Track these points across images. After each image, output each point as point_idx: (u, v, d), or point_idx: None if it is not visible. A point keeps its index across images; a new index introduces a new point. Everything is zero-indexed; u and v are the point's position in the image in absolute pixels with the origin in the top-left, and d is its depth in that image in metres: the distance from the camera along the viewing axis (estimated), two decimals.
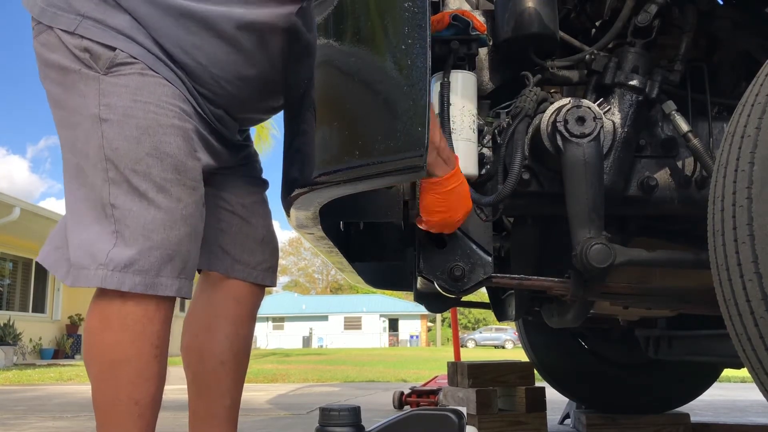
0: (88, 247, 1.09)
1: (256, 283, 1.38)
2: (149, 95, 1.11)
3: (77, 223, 1.12)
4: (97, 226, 1.09)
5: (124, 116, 1.09)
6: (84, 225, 1.11)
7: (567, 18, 1.54)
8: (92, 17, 1.11)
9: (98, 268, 1.07)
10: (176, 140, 1.12)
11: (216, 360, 1.35)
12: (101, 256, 1.07)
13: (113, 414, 1.12)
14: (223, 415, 1.35)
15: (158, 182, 1.10)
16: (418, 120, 1.01)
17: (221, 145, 1.27)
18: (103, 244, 1.08)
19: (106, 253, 1.07)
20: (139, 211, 1.08)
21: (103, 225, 1.09)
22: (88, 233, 1.10)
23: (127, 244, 1.08)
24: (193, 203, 1.14)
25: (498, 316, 1.95)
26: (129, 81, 1.10)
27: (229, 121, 1.26)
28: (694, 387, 2.84)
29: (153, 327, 1.12)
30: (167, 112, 1.11)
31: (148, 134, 1.10)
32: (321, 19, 1.10)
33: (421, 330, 45.69)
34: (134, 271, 1.07)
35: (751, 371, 1.03)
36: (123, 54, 1.10)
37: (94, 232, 1.09)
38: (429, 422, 1.25)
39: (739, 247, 0.96)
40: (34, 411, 3.96)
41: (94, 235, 1.09)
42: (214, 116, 1.22)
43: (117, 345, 1.10)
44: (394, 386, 5.63)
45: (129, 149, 1.09)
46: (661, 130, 1.44)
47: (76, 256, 1.10)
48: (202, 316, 1.37)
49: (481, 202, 1.32)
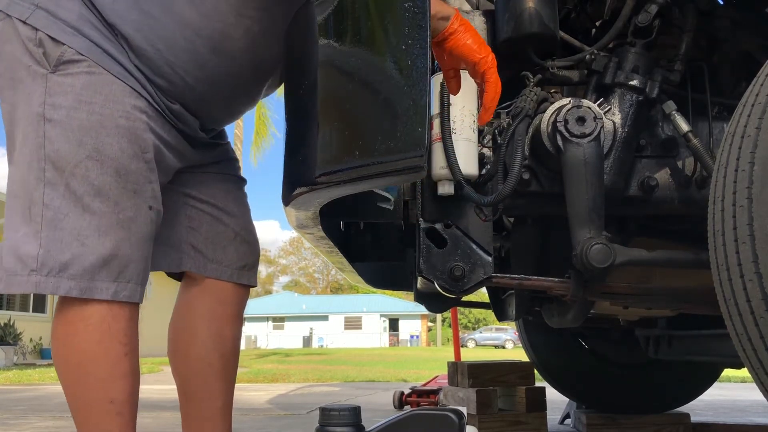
0: (17, 251, 1.07)
1: (235, 283, 1.37)
2: (95, 95, 1.09)
3: (9, 224, 1.11)
4: (25, 228, 1.08)
5: (67, 117, 1.08)
6: (14, 227, 1.10)
7: (567, 18, 1.54)
8: (44, 7, 1.10)
9: (30, 274, 1.06)
10: (119, 142, 1.10)
11: (202, 362, 1.33)
12: (31, 261, 1.06)
13: (90, 415, 1.11)
14: (216, 416, 1.34)
15: (96, 185, 1.08)
16: (418, 120, 1.01)
17: (185, 141, 1.25)
18: (31, 248, 1.06)
19: (36, 258, 1.06)
20: (74, 215, 1.07)
21: (30, 227, 1.08)
22: (17, 236, 1.08)
23: (59, 248, 1.06)
24: (133, 206, 1.11)
25: (498, 316, 1.95)
26: (75, 80, 1.09)
27: (188, 117, 1.22)
28: (694, 387, 2.84)
29: (119, 325, 1.12)
30: (113, 112, 1.09)
31: (90, 136, 1.08)
32: (321, 19, 1.10)
33: (421, 330, 45.68)
34: (68, 276, 1.06)
35: (751, 371, 1.03)
36: (70, 51, 1.09)
37: (22, 234, 1.08)
38: (429, 422, 1.24)
39: (740, 247, 0.96)
40: (34, 411, 3.96)
41: (21, 238, 1.08)
42: (171, 111, 1.19)
43: (84, 346, 1.10)
44: (394, 386, 5.63)
45: (70, 151, 1.07)
46: (662, 130, 1.44)
47: (7, 261, 1.08)
48: (185, 318, 1.36)
49: (482, 202, 1.32)
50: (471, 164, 1.32)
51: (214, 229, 1.34)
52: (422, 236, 1.38)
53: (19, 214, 1.10)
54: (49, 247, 1.06)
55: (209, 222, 1.34)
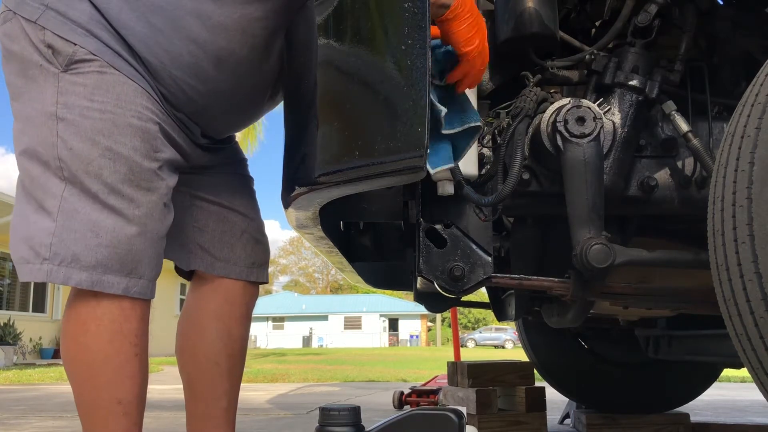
0: (29, 240, 1.09)
1: (245, 281, 1.37)
2: (106, 94, 1.10)
3: (20, 218, 1.12)
4: (38, 219, 1.09)
5: (80, 116, 1.09)
6: (26, 218, 1.11)
7: (567, 18, 1.54)
8: (55, 8, 1.10)
9: (43, 263, 1.07)
10: (132, 141, 1.10)
11: (209, 361, 1.34)
12: (44, 250, 1.07)
13: (97, 415, 1.11)
14: (220, 416, 1.35)
15: (110, 183, 1.09)
16: (418, 120, 1.01)
17: (192, 143, 1.26)
18: (44, 237, 1.07)
19: (49, 247, 1.07)
20: (90, 211, 1.08)
21: (44, 217, 1.09)
22: (30, 226, 1.09)
23: (73, 238, 1.07)
24: (147, 203, 1.12)
25: (498, 316, 1.95)
26: (87, 80, 1.09)
27: (190, 123, 1.23)
28: (694, 387, 2.84)
29: (130, 325, 1.12)
30: (125, 111, 1.10)
31: (102, 135, 1.09)
32: (321, 19, 1.10)
33: (421, 330, 45.68)
34: (80, 267, 1.07)
35: (751, 371, 1.03)
36: (82, 51, 1.09)
37: (35, 224, 1.09)
38: (429, 422, 1.24)
39: (739, 247, 0.96)
40: (34, 411, 3.96)
41: (34, 228, 1.09)
42: (176, 117, 1.20)
43: (95, 345, 1.10)
44: (394, 386, 5.63)
45: (83, 150, 1.08)
46: (661, 130, 1.44)
47: (21, 249, 1.10)
48: (194, 316, 1.37)
49: (481, 202, 1.32)
50: (471, 164, 1.32)
51: (220, 228, 1.35)
52: (422, 236, 1.38)
53: (32, 208, 1.11)
54: (63, 237, 1.07)
55: (215, 221, 1.35)
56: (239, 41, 1.17)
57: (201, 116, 1.23)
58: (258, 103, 1.33)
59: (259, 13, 1.16)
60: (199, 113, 1.22)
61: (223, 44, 1.16)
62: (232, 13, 1.14)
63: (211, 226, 1.35)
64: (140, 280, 1.12)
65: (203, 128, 1.27)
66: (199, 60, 1.15)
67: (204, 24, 1.14)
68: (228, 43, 1.16)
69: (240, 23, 1.16)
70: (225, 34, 1.16)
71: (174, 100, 1.18)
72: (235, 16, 1.15)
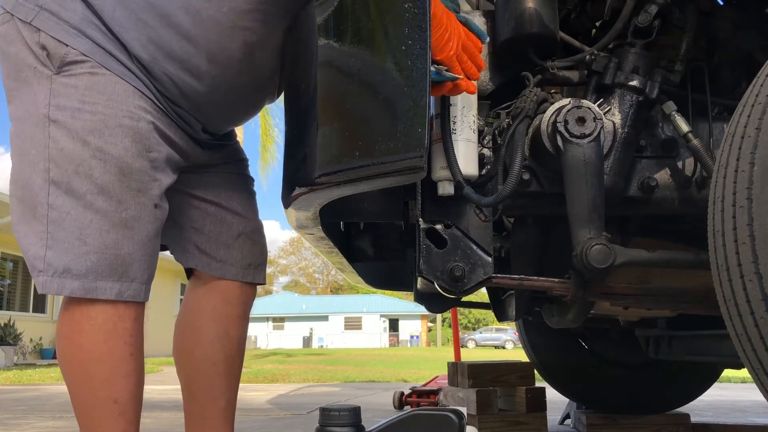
0: (26, 252, 1.10)
1: (242, 282, 1.37)
2: (98, 95, 1.10)
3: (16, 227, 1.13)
4: (31, 230, 1.10)
5: (72, 118, 1.09)
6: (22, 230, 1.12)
7: (567, 18, 1.54)
8: (48, 9, 1.11)
9: (39, 275, 1.08)
10: (123, 141, 1.10)
11: (207, 362, 1.34)
12: (38, 262, 1.08)
13: (93, 415, 1.12)
14: (219, 416, 1.35)
15: (99, 184, 1.09)
16: (418, 121, 1.01)
17: (191, 141, 1.26)
18: (38, 249, 1.08)
19: (43, 259, 1.08)
20: (76, 213, 1.08)
21: (36, 228, 1.09)
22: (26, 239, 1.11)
23: (63, 248, 1.08)
24: (137, 205, 1.12)
25: (498, 317, 1.95)
26: (79, 81, 1.10)
27: (190, 118, 1.23)
28: (694, 387, 2.84)
29: (124, 324, 1.12)
30: (116, 111, 1.10)
31: (93, 136, 1.09)
32: (321, 20, 1.10)
33: (421, 330, 45.68)
34: (72, 276, 1.08)
35: (751, 371, 1.03)
36: (74, 52, 1.10)
37: (29, 236, 1.10)
38: (429, 422, 1.25)
39: (740, 247, 0.96)
40: (34, 411, 3.96)
41: (28, 240, 1.10)
42: (175, 112, 1.20)
43: (90, 345, 1.11)
44: (394, 386, 5.63)
45: (74, 150, 1.09)
46: (662, 130, 1.44)
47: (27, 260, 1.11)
48: (191, 317, 1.37)
49: (481, 202, 1.32)
50: (471, 164, 1.32)
51: (217, 228, 1.35)
52: (422, 236, 1.38)
53: (25, 216, 1.11)
54: (54, 248, 1.08)
55: (212, 222, 1.35)
56: (231, 36, 1.17)
57: (200, 111, 1.23)
58: (256, 99, 1.33)
59: (247, 6, 1.16)
60: (198, 107, 1.22)
61: (214, 39, 1.16)
62: (220, 6, 1.14)
63: (208, 226, 1.34)
64: (132, 284, 1.12)
65: (203, 123, 1.27)
66: (191, 55, 1.15)
67: (194, 19, 1.14)
68: (219, 37, 1.16)
69: (230, 17, 1.15)
70: (216, 29, 1.15)
71: (170, 95, 1.18)
72: (223, 9, 1.14)
